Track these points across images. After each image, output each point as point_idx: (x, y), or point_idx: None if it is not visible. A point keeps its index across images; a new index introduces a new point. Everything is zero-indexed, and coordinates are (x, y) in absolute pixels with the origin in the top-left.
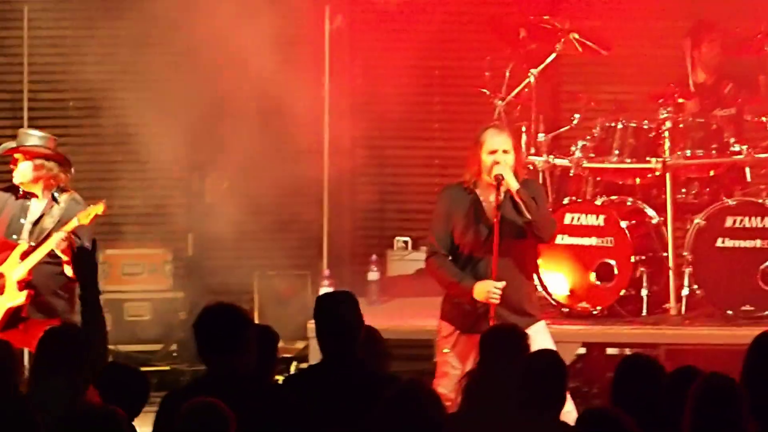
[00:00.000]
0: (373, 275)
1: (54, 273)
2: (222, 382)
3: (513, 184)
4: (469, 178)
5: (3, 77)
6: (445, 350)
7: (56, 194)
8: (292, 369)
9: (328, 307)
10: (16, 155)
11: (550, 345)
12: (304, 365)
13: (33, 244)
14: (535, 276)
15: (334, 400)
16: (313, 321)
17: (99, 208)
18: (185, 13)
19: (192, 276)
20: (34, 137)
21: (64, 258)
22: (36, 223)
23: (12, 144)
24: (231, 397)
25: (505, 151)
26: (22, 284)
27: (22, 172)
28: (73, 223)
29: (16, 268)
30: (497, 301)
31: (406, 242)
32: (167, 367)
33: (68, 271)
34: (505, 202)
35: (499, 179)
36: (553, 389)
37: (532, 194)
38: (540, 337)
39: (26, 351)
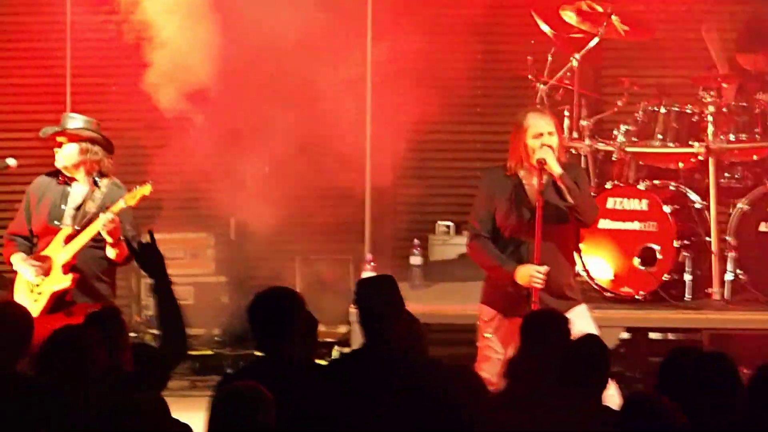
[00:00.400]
0: (415, 259)
1: (97, 257)
2: (277, 367)
3: (556, 168)
4: (512, 162)
5: (46, 61)
6: (487, 334)
7: (97, 179)
8: (334, 353)
9: (369, 291)
10: (60, 138)
11: (591, 328)
12: (346, 350)
13: (77, 228)
14: (578, 260)
15: (376, 385)
16: (355, 306)
17: (146, 189)
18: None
19: (234, 261)
20: (78, 120)
21: (109, 240)
22: (78, 208)
23: (55, 127)
24: (285, 381)
25: (550, 134)
26: (67, 268)
27: (68, 155)
28: (120, 205)
29: (61, 252)
30: (540, 286)
31: (448, 226)
32: (210, 352)
33: (110, 253)
34: (548, 186)
35: (542, 163)
36: (596, 374)
37: (575, 178)
38: (581, 320)
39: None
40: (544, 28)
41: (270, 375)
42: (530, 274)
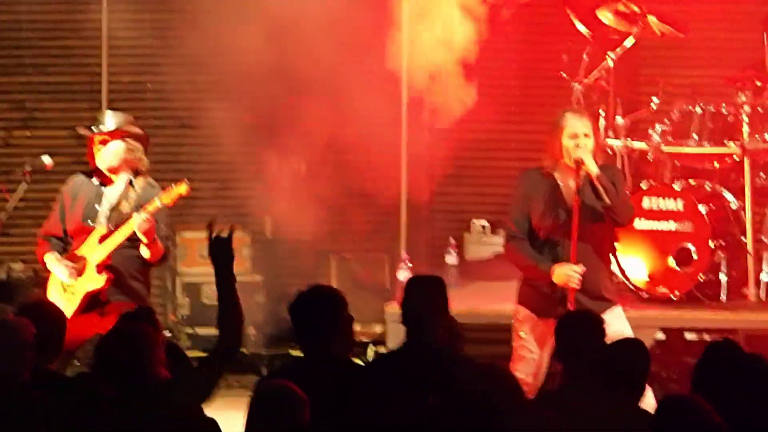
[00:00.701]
0: (450, 258)
1: (132, 256)
2: (316, 366)
3: (593, 168)
4: (549, 162)
5: (82, 59)
6: (522, 334)
7: (132, 179)
8: (369, 352)
9: (415, 290)
10: (101, 137)
11: (626, 330)
12: (381, 349)
13: (111, 227)
14: (613, 260)
15: (412, 385)
16: (390, 304)
17: (182, 188)
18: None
19: (270, 259)
20: (120, 117)
21: (144, 240)
22: (113, 208)
23: (102, 126)
24: (325, 381)
25: (585, 135)
26: (101, 267)
27: (113, 155)
28: (155, 204)
29: (96, 252)
30: (577, 286)
31: (483, 226)
32: (245, 351)
33: (145, 253)
34: (585, 187)
35: (579, 163)
36: (637, 376)
37: (611, 179)
38: (617, 321)
39: None
40: (580, 27)
41: (309, 375)
42: (567, 274)
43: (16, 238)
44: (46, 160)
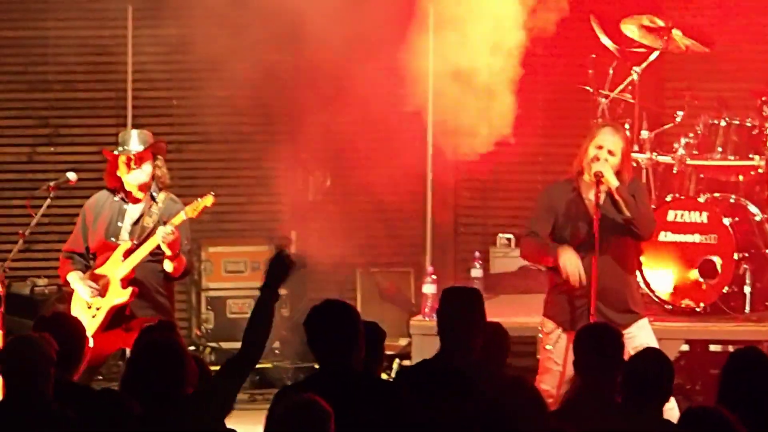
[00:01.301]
0: (476, 272)
1: (156, 270)
2: (335, 379)
3: (612, 181)
4: (574, 168)
5: (107, 76)
6: (548, 347)
7: (155, 194)
8: (395, 366)
9: (450, 302)
10: (132, 156)
11: (652, 341)
12: (406, 362)
13: (135, 242)
14: (638, 273)
15: (442, 394)
16: (415, 318)
17: (208, 201)
18: (288, 13)
19: (295, 273)
20: (145, 135)
21: (168, 252)
22: (135, 223)
23: (136, 146)
24: (344, 393)
25: (610, 152)
26: (126, 282)
27: (147, 172)
28: (181, 217)
29: (120, 267)
30: (575, 284)
31: (509, 239)
32: (269, 365)
33: (168, 267)
34: (606, 200)
35: (599, 176)
36: (660, 387)
37: (633, 192)
38: (643, 333)
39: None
40: (606, 41)
41: (329, 388)
42: (569, 263)
43: (41, 253)
44: (71, 176)
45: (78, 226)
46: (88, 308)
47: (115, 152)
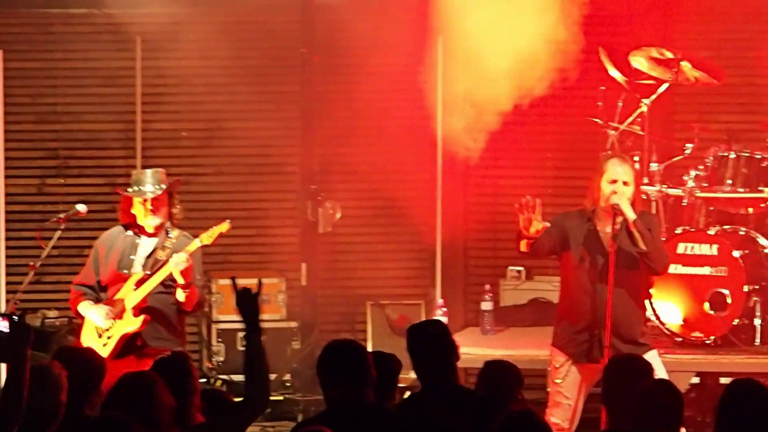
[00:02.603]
0: (486, 305)
1: (168, 302)
2: (346, 412)
3: (630, 214)
4: (589, 206)
5: (116, 107)
6: (558, 380)
7: (168, 230)
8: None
9: (417, 338)
10: (149, 200)
11: (662, 373)
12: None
13: (148, 272)
14: (648, 305)
15: (436, 428)
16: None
17: (224, 227)
18: (297, 46)
19: (305, 306)
20: (160, 174)
21: (181, 281)
22: (149, 256)
23: (152, 189)
24: (356, 426)
25: (625, 183)
26: (138, 310)
27: (162, 215)
28: (196, 244)
29: (132, 296)
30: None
31: (519, 271)
32: (280, 397)
33: (180, 296)
34: (621, 232)
35: (617, 209)
36: (670, 419)
37: (647, 225)
38: (653, 364)
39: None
40: (615, 73)
41: (342, 421)
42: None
43: (51, 285)
44: (81, 207)
45: (90, 260)
46: (99, 337)
47: (129, 191)
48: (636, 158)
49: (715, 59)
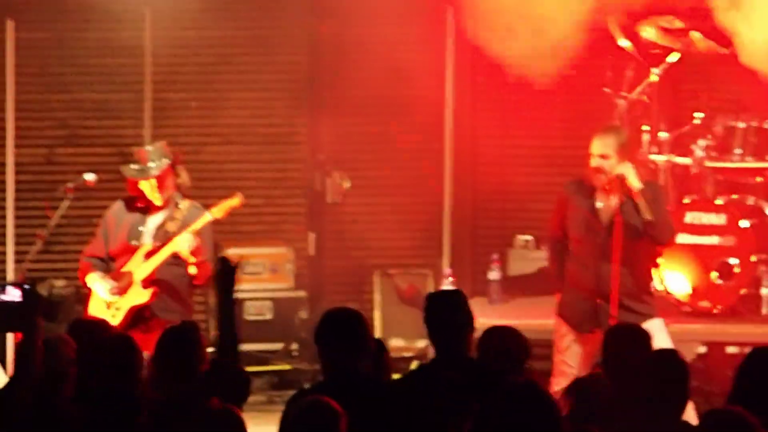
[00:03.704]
0: (494, 274)
1: (178, 274)
2: (344, 382)
3: (635, 183)
4: (590, 178)
5: (125, 78)
6: (562, 350)
7: (178, 200)
8: (413, 368)
9: (437, 307)
10: (154, 181)
11: (666, 343)
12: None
13: (158, 244)
14: (655, 275)
15: (445, 398)
16: (424, 321)
17: (235, 201)
18: (306, 16)
19: (313, 275)
20: (161, 149)
21: (192, 260)
22: (159, 227)
23: (156, 164)
24: (352, 397)
25: (602, 156)
26: (147, 282)
27: (167, 188)
28: (207, 218)
29: (141, 268)
30: None
31: (527, 240)
32: (288, 367)
33: (192, 270)
34: (626, 204)
35: (622, 178)
36: (676, 389)
37: (653, 195)
38: (657, 335)
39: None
40: (624, 43)
41: (337, 390)
42: None
43: (59, 255)
44: (89, 177)
45: (99, 232)
46: (107, 308)
47: (132, 169)
48: (645, 128)
49: (723, 28)
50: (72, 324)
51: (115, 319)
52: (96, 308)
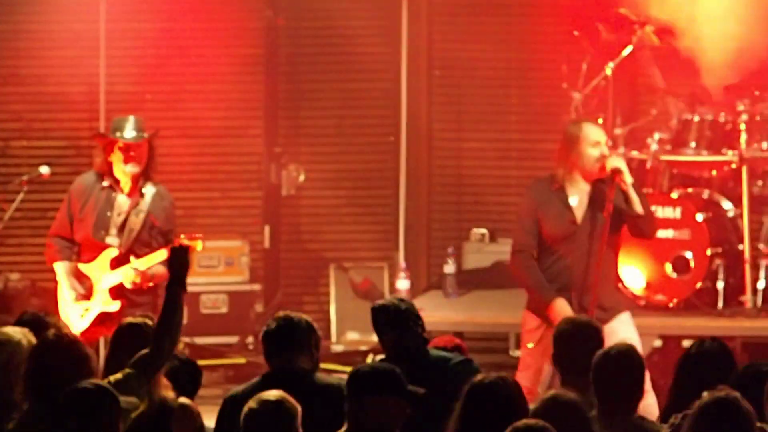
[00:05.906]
0: (449, 268)
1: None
2: (281, 380)
3: (628, 177)
4: (561, 174)
5: (80, 70)
6: (530, 345)
7: (143, 189)
8: (369, 361)
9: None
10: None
11: (633, 336)
12: (379, 357)
13: (123, 250)
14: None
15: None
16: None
17: (197, 245)
18: (262, 8)
19: (268, 268)
20: (141, 123)
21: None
22: (124, 222)
23: (140, 133)
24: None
25: (606, 143)
26: (115, 294)
27: (141, 163)
28: (157, 258)
29: (106, 275)
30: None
31: (482, 234)
32: (243, 360)
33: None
34: (617, 197)
35: (615, 171)
36: (628, 383)
37: (638, 190)
38: (624, 328)
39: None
40: (579, 36)
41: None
42: (559, 315)
43: (13, 248)
44: (44, 170)
45: (64, 212)
46: (76, 300)
47: (132, 138)
48: (600, 121)
49: (677, 22)
50: (19, 318)
51: (84, 318)
52: (67, 303)
